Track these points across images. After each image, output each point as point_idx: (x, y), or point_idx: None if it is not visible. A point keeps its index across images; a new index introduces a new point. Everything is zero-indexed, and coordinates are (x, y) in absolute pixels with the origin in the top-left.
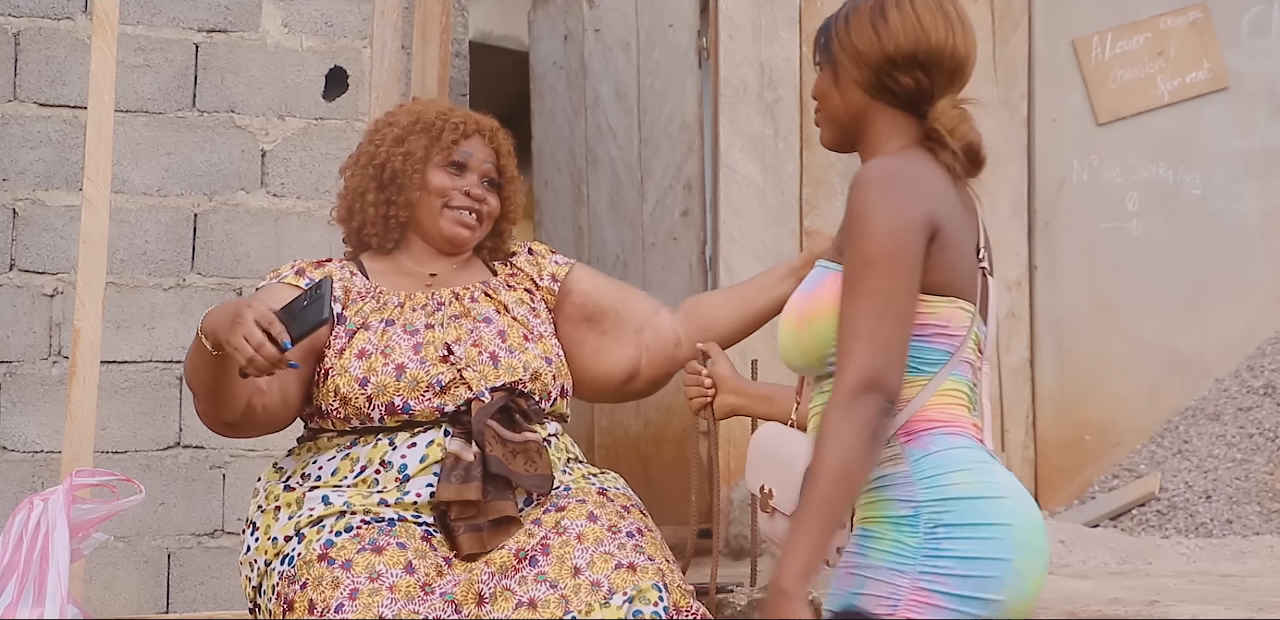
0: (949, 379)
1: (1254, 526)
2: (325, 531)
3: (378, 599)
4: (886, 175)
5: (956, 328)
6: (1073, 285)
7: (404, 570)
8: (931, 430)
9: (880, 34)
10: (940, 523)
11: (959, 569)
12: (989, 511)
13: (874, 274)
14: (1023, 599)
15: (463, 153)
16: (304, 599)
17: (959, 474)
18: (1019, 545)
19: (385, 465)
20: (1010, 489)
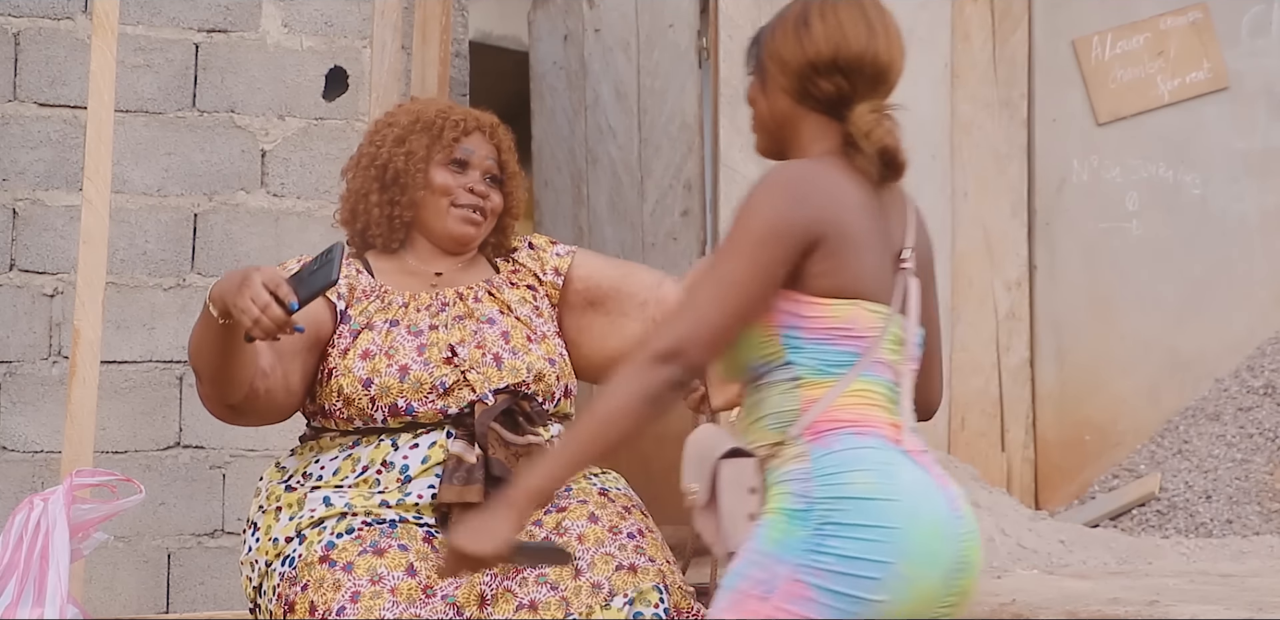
0: (860, 379)
1: (1254, 526)
2: (326, 533)
3: (379, 602)
4: (780, 179)
5: (864, 329)
6: (1073, 285)
7: (405, 572)
8: (838, 430)
9: (803, 41)
10: (830, 520)
11: (838, 566)
12: (879, 513)
13: (727, 262)
14: (906, 603)
15: (464, 150)
16: (305, 601)
17: (857, 474)
18: (905, 550)
19: (387, 465)
20: (910, 492)
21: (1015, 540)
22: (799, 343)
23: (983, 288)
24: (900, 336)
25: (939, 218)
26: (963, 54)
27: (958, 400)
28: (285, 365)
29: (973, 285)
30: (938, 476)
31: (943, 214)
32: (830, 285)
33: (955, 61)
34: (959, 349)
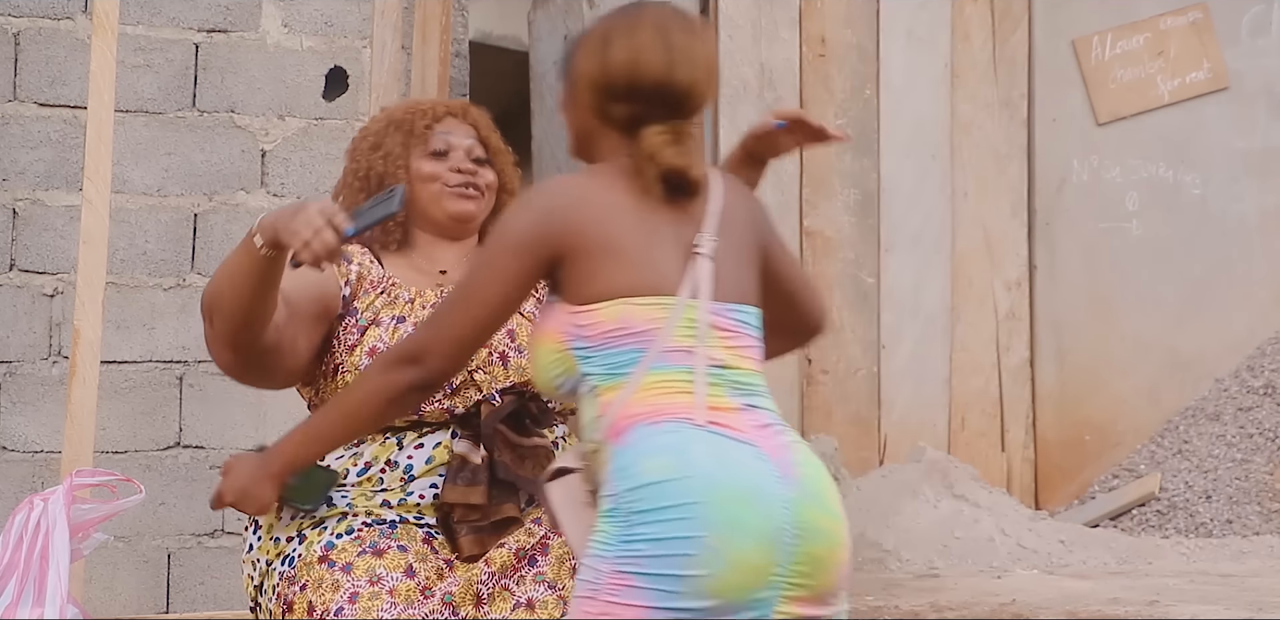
0: (651, 373)
1: (1254, 526)
2: (326, 533)
3: (378, 602)
4: (531, 196)
5: (641, 324)
6: (1073, 285)
7: (404, 573)
8: (633, 425)
9: (601, 64)
10: (633, 510)
11: (652, 550)
12: (676, 492)
13: (473, 274)
14: (729, 574)
15: (440, 136)
16: (303, 601)
17: (648, 460)
18: (710, 521)
19: (391, 465)
20: (704, 465)
21: (1015, 540)
22: (586, 352)
23: (983, 288)
24: (692, 321)
25: (939, 218)
26: (963, 54)
27: (958, 400)
28: (295, 326)
29: (973, 285)
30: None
31: (943, 214)
32: (591, 291)
33: (955, 61)
34: (959, 349)
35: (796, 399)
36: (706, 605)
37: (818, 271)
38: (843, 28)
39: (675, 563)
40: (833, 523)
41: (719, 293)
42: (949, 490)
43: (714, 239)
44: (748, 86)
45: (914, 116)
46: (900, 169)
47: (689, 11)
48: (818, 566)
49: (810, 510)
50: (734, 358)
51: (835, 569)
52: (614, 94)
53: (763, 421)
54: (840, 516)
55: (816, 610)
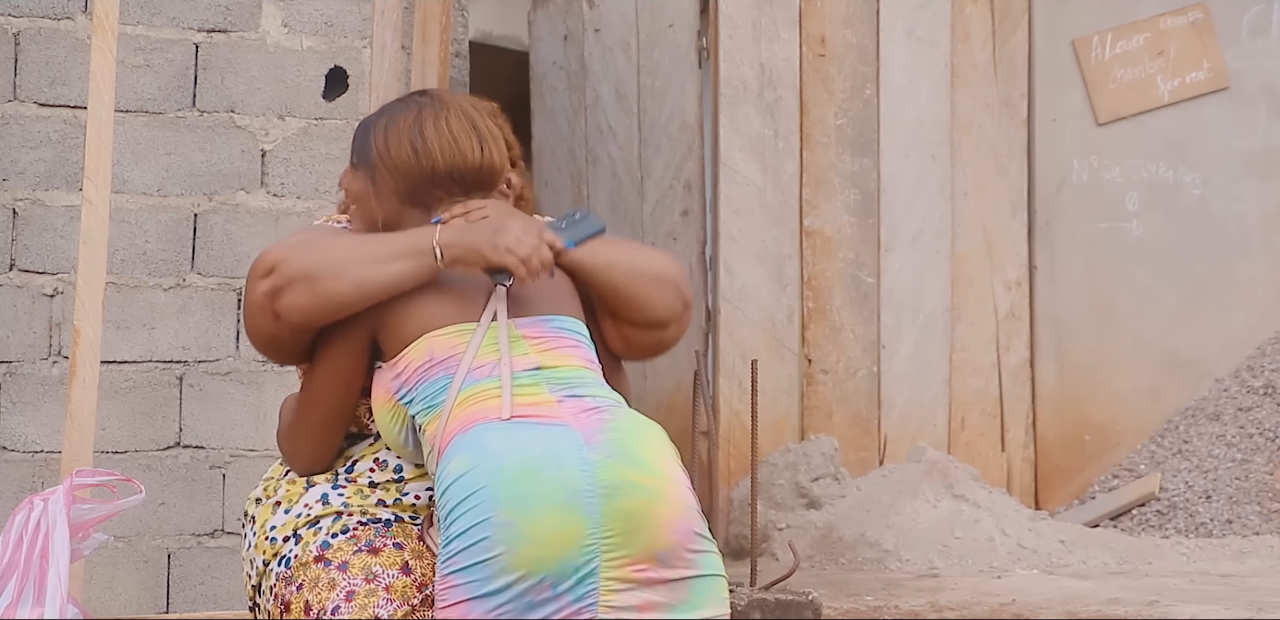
0: (464, 391)
1: (1254, 526)
2: (322, 533)
3: (374, 599)
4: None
5: (445, 352)
6: (1073, 285)
7: (400, 571)
8: (450, 440)
9: (419, 154)
10: (444, 513)
11: (461, 545)
12: (467, 484)
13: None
14: (524, 545)
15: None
16: (300, 600)
17: (450, 465)
18: (496, 499)
19: (380, 464)
20: (494, 452)
21: (1015, 540)
22: (407, 394)
23: (983, 288)
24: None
25: (939, 218)
26: (963, 54)
27: (958, 400)
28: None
29: (973, 285)
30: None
31: (943, 214)
32: (394, 342)
33: (955, 61)
34: (959, 349)
35: (796, 399)
36: (514, 579)
37: (817, 271)
38: (843, 28)
39: (478, 549)
40: (648, 478)
41: (522, 311)
42: (949, 490)
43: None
44: (748, 86)
45: (914, 116)
46: (900, 169)
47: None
48: (635, 523)
49: (615, 468)
50: (550, 359)
51: (661, 524)
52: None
53: (586, 406)
54: (661, 472)
55: (656, 572)
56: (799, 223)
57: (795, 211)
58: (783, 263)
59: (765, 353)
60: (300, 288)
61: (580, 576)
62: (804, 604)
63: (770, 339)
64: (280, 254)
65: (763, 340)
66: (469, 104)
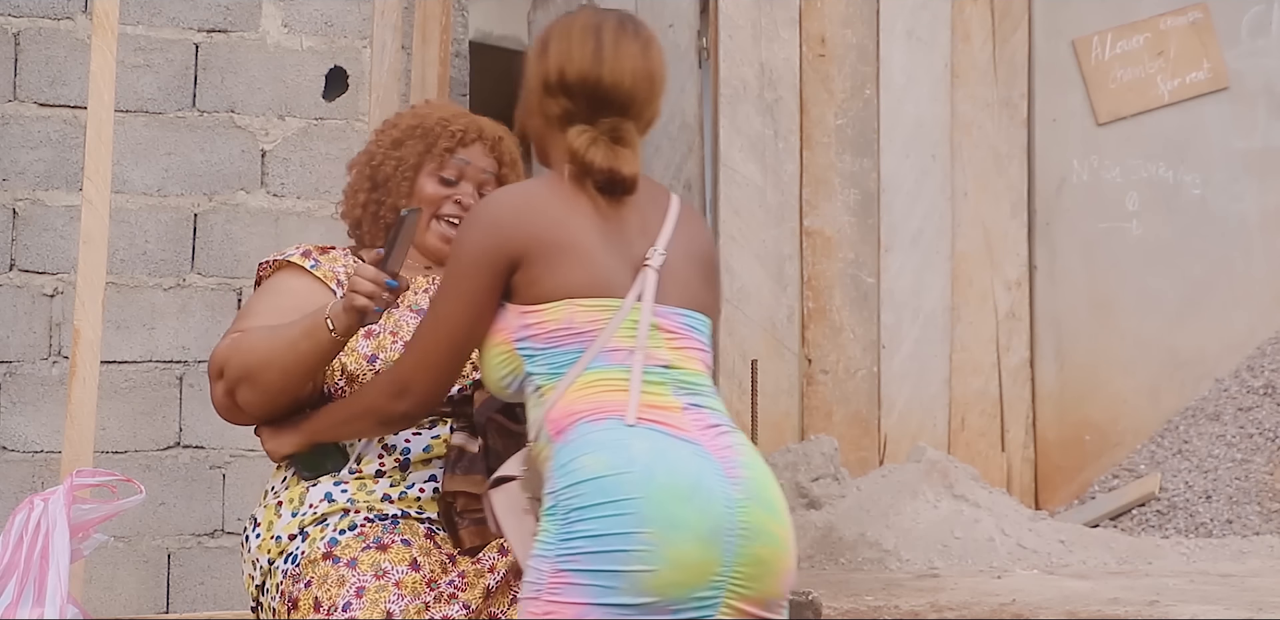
0: (591, 370)
1: (1254, 526)
2: (329, 530)
3: (385, 595)
4: (478, 210)
5: (582, 325)
6: (1073, 285)
7: (409, 566)
8: (575, 422)
9: (540, 62)
10: (573, 507)
11: (591, 547)
12: (614, 488)
13: (438, 298)
14: (669, 571)
15: (458, 161)
16: (309, 597)
17: (588, 457)
18: (647, 517)
19: (387, 449)
20: (643, 462)
21: (1015, 540)
22: (531, 351)
23: (983, 288)
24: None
25: (939, 218)
26: (963, 54)
27: (958, 400)
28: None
29: (973, 285)
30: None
31: (943, 214)
32: (538, 292)
33: (955, 61)
34: (959, 349)
35: (796, 399)
36: (645, 601)
37: (817, 271)
38: (843, 28)
39: (614, 559)
40: (779, 527)
41: (665, 297)
42: (949, 490)
43: (664, 253)
44: (748, 86)
45: (914, 116)
46: (900, 169)
47: (639, 22)
48: (763, 569)
49: (756, 512)
50: (679, 358)
51: (781, 574)
52: (548, 90)
53: (708, 421)
54: (787, 523)
55: (759, 612)
56: (799, 223)
57: (795, 211)
58: (783, 263)
59: (765, 353)
60: (245, 387)
61: (700, 606)
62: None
63: (770, 339)
64: (222, 356)
65: (763, 340)
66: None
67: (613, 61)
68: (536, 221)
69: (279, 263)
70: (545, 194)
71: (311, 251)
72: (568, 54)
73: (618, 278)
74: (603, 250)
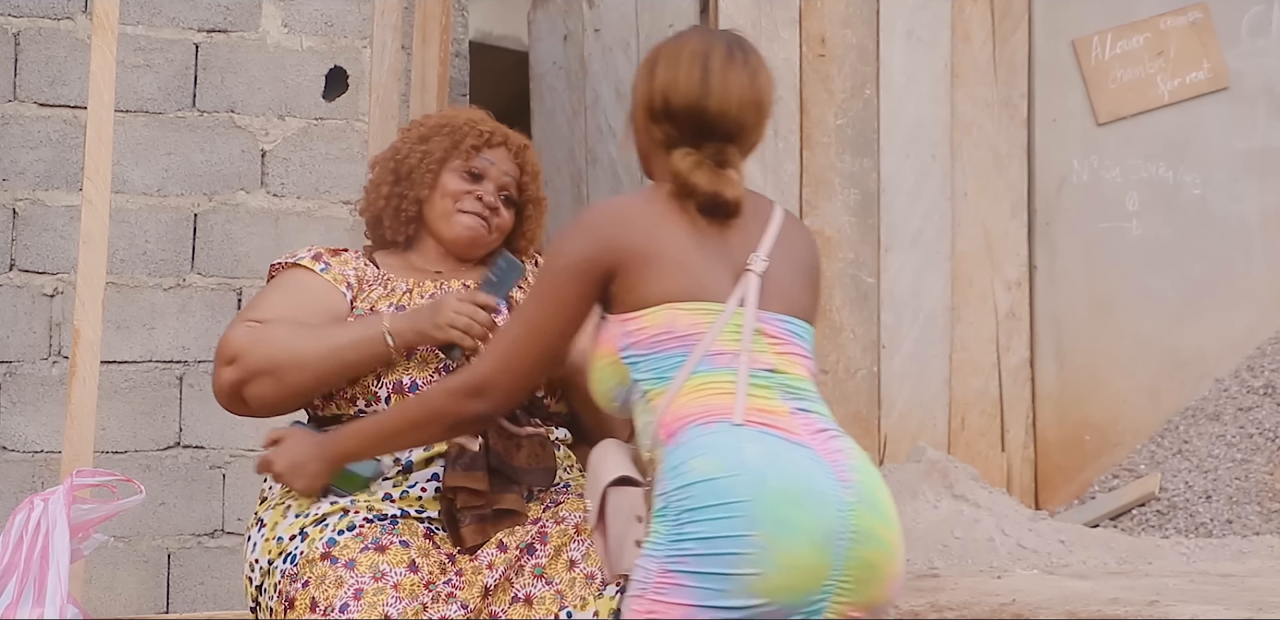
0: (698, 374)
1: (1254, 526)
2: (328, 530)
3: (382, 597)
4: (578, 219)
5: (684, 329)
6: (1073, 285)
7: (408, 568)
8: (685, 425)
9: (647, 85)
10: (684, 508)
11: (700, 549)
12: (725, 490)
13: (528, 304)
14: (780, 574)
15: (482, 160)
16: (305, 597)
17: (699, 459)
18: (758, 519)
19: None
20: (755, 464)
21: (1015, 540)
22: (635, 358)
23: (983, 288)
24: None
25: (939, 218)
26: (963, 54)
27: (958, 400)
28: None
29: (973, 285)
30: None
31: (943, 214)
32: (636, 298)
33: (955, 61)
34: (959, 349)
35: None
36: (754, 604)
37: None
38: (843, 28)
39: (723, 561)
40: (889, 532)
41: (767, 303)
42: (949, 490)
43: (765, 260)
44: None
45: (914, 116)
46: (900, 169)
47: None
48: (872, 573)
49: (867, 516)
50: (784, 363)
51: (890, 580)
52: (654, 115)
53: (818, 426)
54: (897, 527)
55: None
56: None
57: (795, 211)
58: None
59: None
60: (265, 380)
61: (807, 610)
62: None
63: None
64: (241, 344)
65: None
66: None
67: (720, 91)
68: (633, 232)
69: (289, 264)
70: (644, 206)
71: (322, 254)
72: (674, 81)
73: (718, 283)
74: (701, 258)
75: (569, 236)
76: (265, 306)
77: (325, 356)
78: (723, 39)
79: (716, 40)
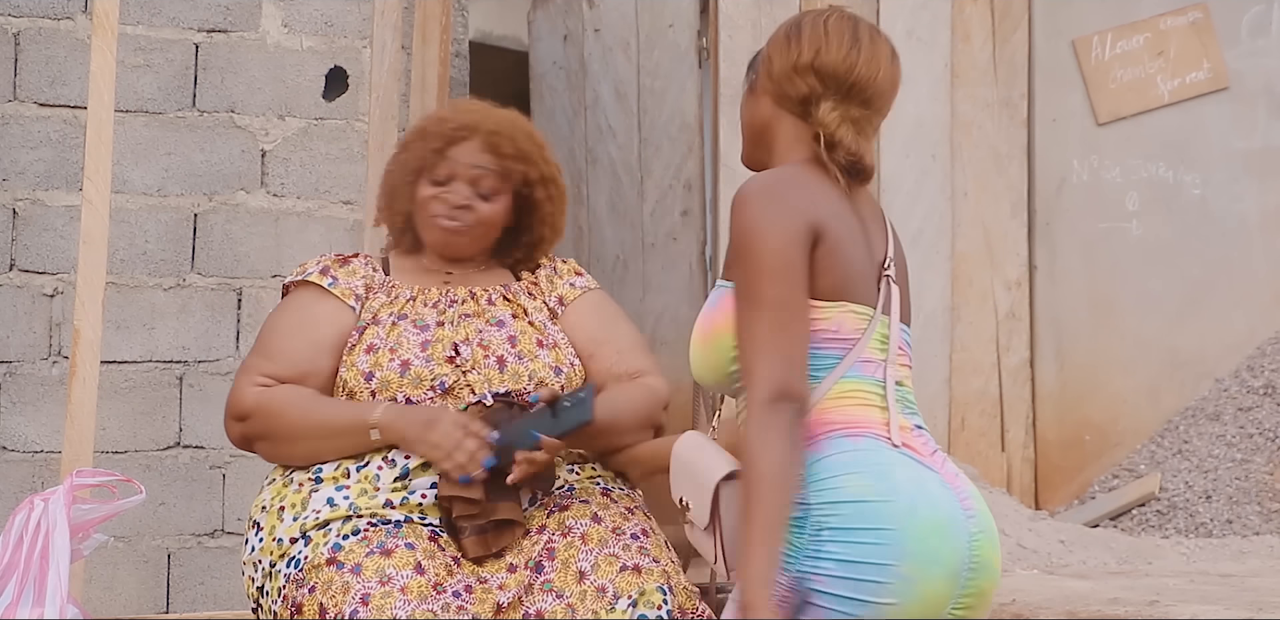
0: (845, 380)
1: (1254, 526)
2: (332, 535)
3: (390, 601)
4: (763, 188)
5: (848, 331)
6: (1073, 285)
7: (414, 571)
8: (830, 433)
9: (790, 44)
10: (826, 525)
11: (838, 571)
12: (875, 515)
13: (764, 285)
14: (913, 605)
15: (447, 164)
16: (313, 603)
17: (850, 477)
18: (905, 550)
19: (388, 461)
20: (907, 492)
21: (1015, 540)
22: None
23: (983, 288)
24: (883, 336)
25: (939, 218)
26: (963, 54)
27: (958, 400)
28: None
29: (973, 285)
30: (948, 475)
31: (943, 214)
32: (824, 285)
33: (955, 61)
34: (959, 349)
35: None
36: None
37: None
38: None
39: (863, 588)
40: (998, 559)
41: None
42: None
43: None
44: None
45: (914, 116)
46: (900, 169)
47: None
48: (981, 601)
49: (987, 547)
50: (905, 376)
51: (989, 605)
52: (798, 70)
53: (931, 445)
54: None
55: None
56: None
57: None
58: None
59: None
60: (264, 445)
61: None
62: None
63: None
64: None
65: None
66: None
67: (869, 56)
68: (821, 204)
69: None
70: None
71: (330, 267)
72: (824, 40)
73: (867, 280)
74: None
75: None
76: (275, 342)
77: (316, 436)
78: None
79: (859, 18)
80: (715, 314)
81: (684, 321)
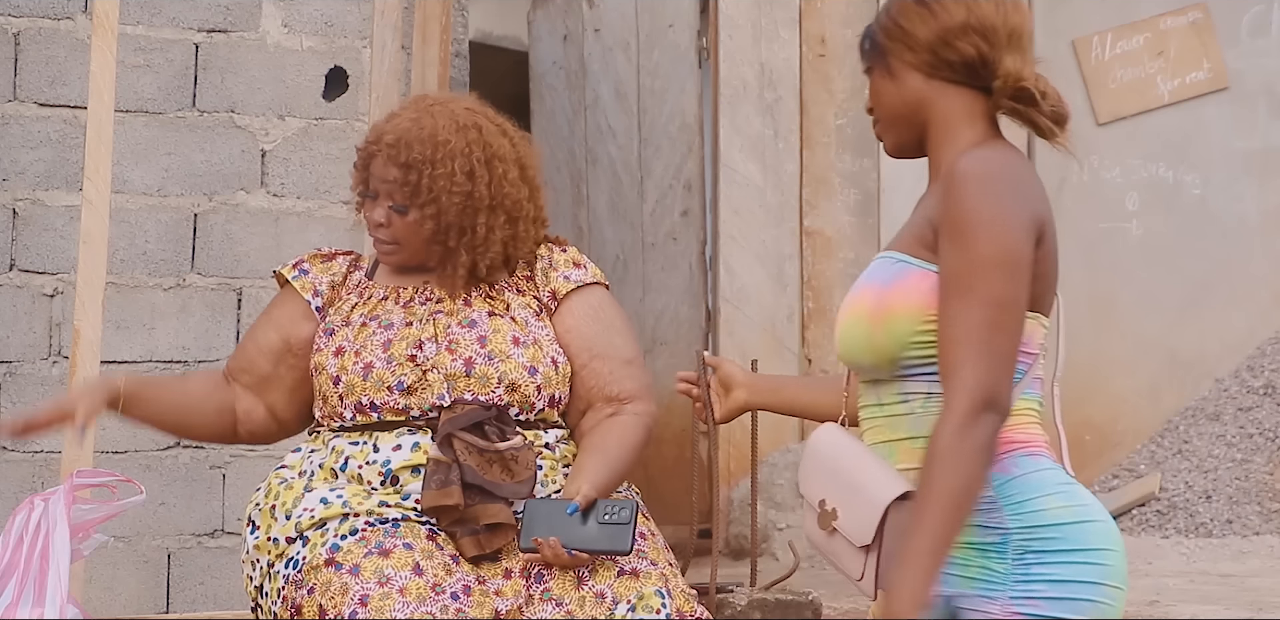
0: (1021, 398)
1: (1254, 526)
2: (330, 535)
3: (389, 602)
4: (1001, 169)
5: (1034, 346)
6: (1073, 285)
7: (412, 572)
8: (1013, 452)
9: (931, 9)
10: (1030, 549)
11: (1051, 592)
12: (1081, 537)
13: (990, 278)
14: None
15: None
16: (312, 604)
17: (1047, 499)
18: (1111, 570)
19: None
20: (1098, 512)
21: None
22: None
23: None
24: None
25: None
26: None
27: None
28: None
29: None
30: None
31: None
32: (1033, 291)
33: None
34: None
35: None
36: None
37: (817, 271)
38: (843, 28)
39: (1078, 607)
40: None
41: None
42: None
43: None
44: (748, 86)
45: None
46: (900, 169)
47: None
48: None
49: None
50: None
51: None
52: (954, 32)
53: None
54: None
55: None
56: (799, 223)
57: (795, 211)
58: (783, 263)
59: (765, 353)
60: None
61: None
62: (804, 604)
63: (770, 339)
64: None
65: (763, 340)
66: None
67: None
68: (1039, 190)
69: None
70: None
71: (304, 260)
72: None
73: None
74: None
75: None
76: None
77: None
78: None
79: None
80: (891, 293)
81: (684, 321)
